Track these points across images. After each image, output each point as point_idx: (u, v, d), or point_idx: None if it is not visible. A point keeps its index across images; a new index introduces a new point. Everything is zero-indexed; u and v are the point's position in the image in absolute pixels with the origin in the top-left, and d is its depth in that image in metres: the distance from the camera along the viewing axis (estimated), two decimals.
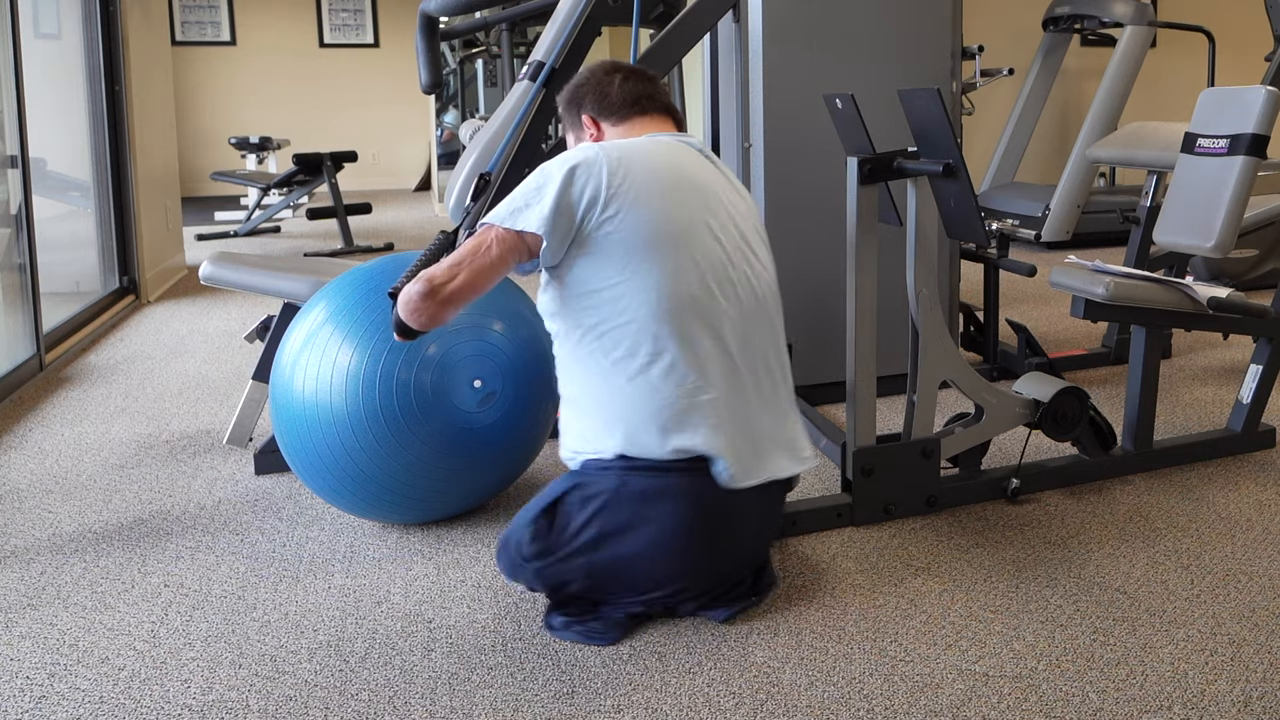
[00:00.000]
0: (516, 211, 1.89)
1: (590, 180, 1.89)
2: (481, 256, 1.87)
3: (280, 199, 7.76)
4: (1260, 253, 4.79)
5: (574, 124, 2.18)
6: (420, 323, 1.85)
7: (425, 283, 1.84)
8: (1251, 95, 2.62)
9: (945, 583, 2.11)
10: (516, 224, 1.88)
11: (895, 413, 3.08)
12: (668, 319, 1.88)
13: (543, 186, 1.89)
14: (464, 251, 1.89)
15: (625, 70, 2.17)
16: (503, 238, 1.89)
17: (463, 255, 1.88)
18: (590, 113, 2.14)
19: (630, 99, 2.12)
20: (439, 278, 1.84)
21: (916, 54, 3.22)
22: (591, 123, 2.15)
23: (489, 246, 1.88)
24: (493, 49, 8.94)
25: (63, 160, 4.95)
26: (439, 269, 1.86)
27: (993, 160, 6.42)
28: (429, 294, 1.83)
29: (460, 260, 1.87)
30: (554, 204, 1.86)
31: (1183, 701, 1.70)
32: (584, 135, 2.16)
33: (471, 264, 1.86)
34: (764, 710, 1.69)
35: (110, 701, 1.74)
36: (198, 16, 10.98)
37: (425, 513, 2.38)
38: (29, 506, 2.60)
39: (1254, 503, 2.50)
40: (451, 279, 1.85)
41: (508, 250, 1.89)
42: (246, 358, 4.02)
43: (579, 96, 2.17)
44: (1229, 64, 6.97)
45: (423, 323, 1.85)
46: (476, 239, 1.90)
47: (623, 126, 2.12)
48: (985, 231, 2.29)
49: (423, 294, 1.83)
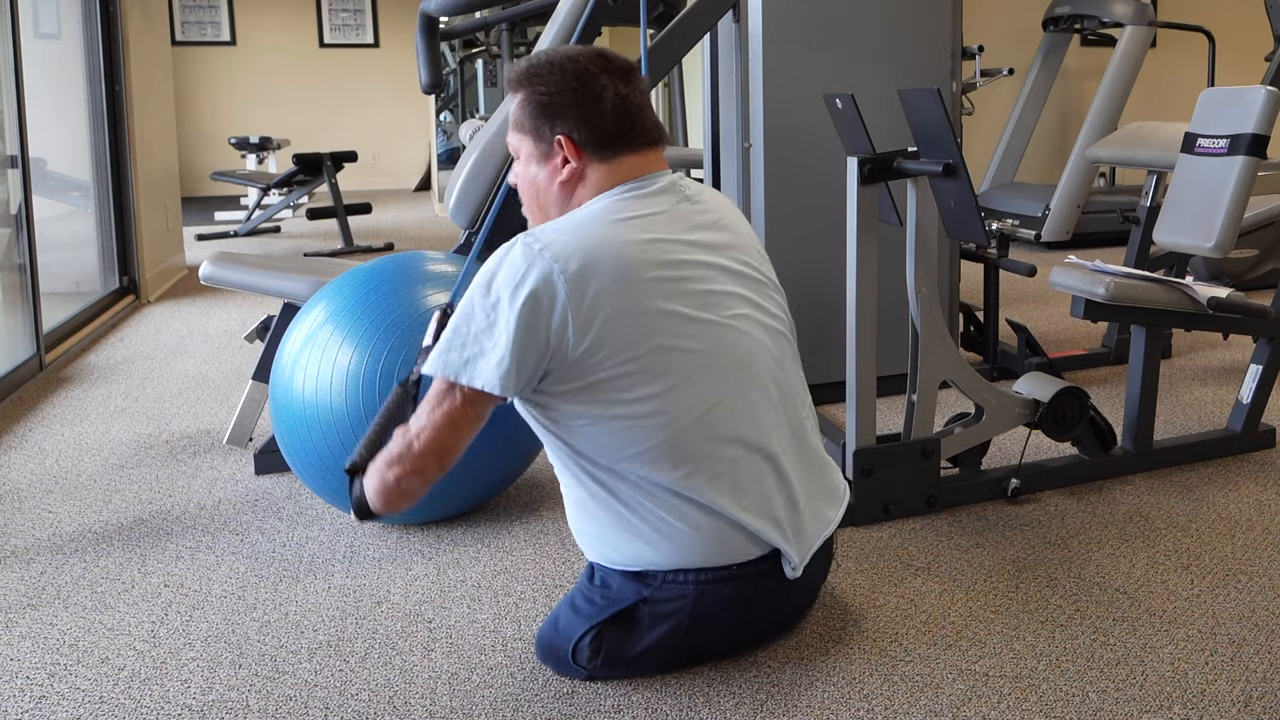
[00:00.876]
0: (468, 361, 1.58)
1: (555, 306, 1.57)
2: (441, 432, 1.61)
3: (280, 199, 7.76)
4: (1260, 253, 4.79)
5: (538, 139, 1.71)
6: (392, 510, 1.66)
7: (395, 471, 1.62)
8: (1251, 95, 2.62)
9: (945, 583, 2.11)
10: (463, 378, 1.58)
11: (895, 413, 3.08)
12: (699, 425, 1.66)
13: (493, 325, 1.57)
14: (419, 418, 1.62)
15: (613, 69, 1.72)
16: (455, 401, 1.60)
17: (418, 423, 1.62)
18: (572, 134, 1.69)
19: (626, 124, 1.70)
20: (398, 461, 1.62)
21: (916, 54, 3.23)
22: (572, 149, 1.69)
23: (442, 413, 1.60)
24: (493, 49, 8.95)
25: (63, 160, 4.95)
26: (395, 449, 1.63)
27: (993, 160, 6.43)
28: (397, 488, 1.63)
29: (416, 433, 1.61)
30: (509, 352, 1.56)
31: (1183, 701, 1.70)
32: (546, 155, 1.71)
33: (429, 440, 1.61)
34: (764, 710, 1.69)
35: (110, 701, 1.74)
36: (198, 16, 10.98)
37: (425, 513, 2.38)
38: (29, 506, 2.60)
39: (1254, 503, 2.50)
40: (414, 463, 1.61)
41: (463, 412, 1.61)
42: (246, 358, 4.02)
43: (555, 106, 1.69)
44: (1229, 64, 6.96)
45: (394, 510, 1.67)
46: (434, 404, 1.61)
47: (608, 166, 1.70)
48: (985, 231, 2.29)
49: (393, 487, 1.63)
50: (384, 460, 1.64)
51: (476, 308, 1.60)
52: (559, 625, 1.79)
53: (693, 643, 1.77)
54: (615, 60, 1.74)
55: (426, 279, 2.38)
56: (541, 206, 1.77)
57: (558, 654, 1.78)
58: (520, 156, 1.77)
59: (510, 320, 1.56)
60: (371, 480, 1.66)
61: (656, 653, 1.76)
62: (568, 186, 1.73)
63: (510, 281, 1.57)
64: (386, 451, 1.65)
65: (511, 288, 1.57)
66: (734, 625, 1.79)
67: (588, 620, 1.75)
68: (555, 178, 1.72)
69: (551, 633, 1.80)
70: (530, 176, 1.76)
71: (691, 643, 1.77)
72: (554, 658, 1.80)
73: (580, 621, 1.76)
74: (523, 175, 1.77)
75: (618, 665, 1.76)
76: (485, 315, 1.58)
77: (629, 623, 1.74)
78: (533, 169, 1.75)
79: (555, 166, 1.72)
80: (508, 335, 1.56)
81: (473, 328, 1.59)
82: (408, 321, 2.25)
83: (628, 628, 1.74)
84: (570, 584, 2.12)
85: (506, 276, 1.58)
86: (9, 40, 3.94)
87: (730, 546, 1.72)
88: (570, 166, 1.71)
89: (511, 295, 1.57)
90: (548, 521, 2.44)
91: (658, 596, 1.73)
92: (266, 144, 9.11)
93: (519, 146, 1.76)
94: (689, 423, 1.65)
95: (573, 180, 1.72)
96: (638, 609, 1.73)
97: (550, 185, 1.74)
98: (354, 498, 1.67)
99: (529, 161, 1.75)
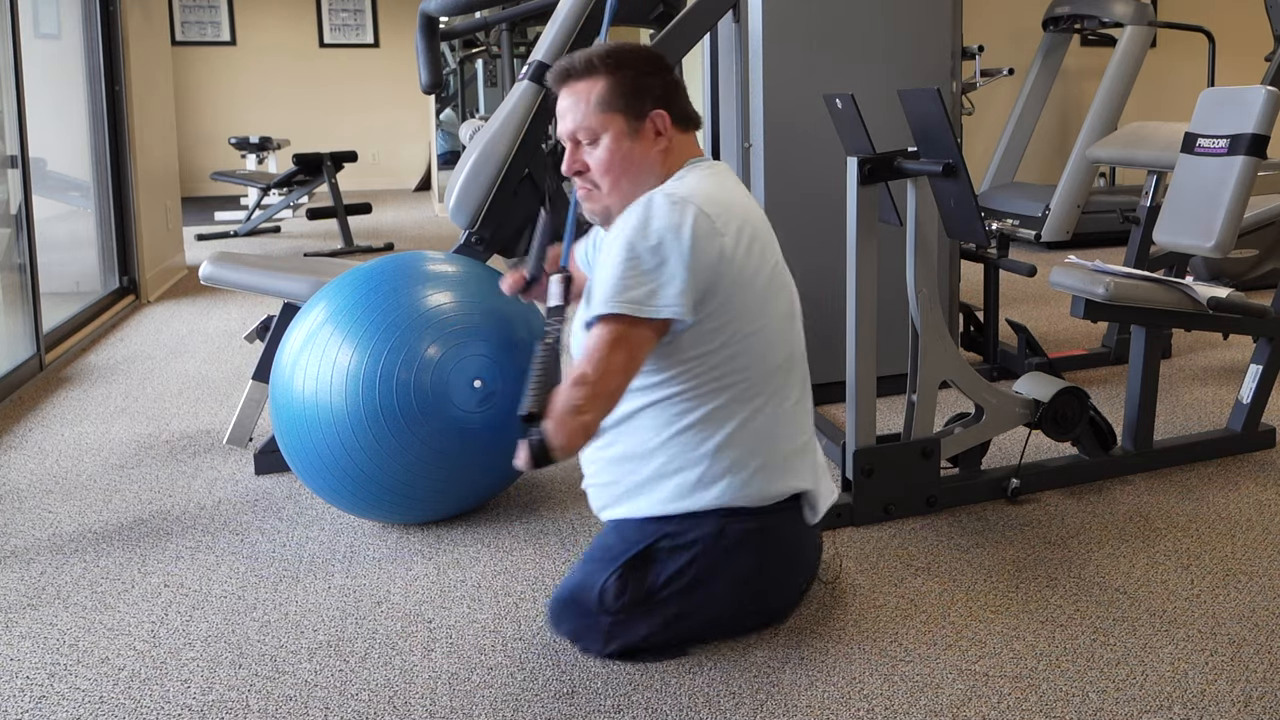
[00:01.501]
0: (650, 294, 1.70)
1: (713, 242, 1.75)
2: (619, 372, 1.70)
3: (280, 199, 7.76)
4: (1260, 253, 4.79)
5: (632, 115, 1.85)
6: (574, 453, 1.72)
7: (586, 415, 1.68)
8: (1251, 95, 2.62)
9: (945, 583, 2.11)
10: (648, 310, 1.70)
11: (895, 413, 3.08)
12: (776, 371, 1.85)
13: (664, 261, 1.71)
14: (596, 363, 1.70)
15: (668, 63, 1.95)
16: (635, 338, 1.71)
17: (597, 368, 1.69)
18: (665, 108, 1.87)
19: (689, 101, 1.94)
20: (583, 403, 1.68)
21: (916, 54, 3.22)
22: (667, 121, 1.87)
23: (622, 352, 1.70)
24: (493, 49, 8.95)
25: (63, 160, 4.95)
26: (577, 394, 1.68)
27: (993, 160, 6.42)
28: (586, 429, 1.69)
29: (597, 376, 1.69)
30: (682, 283, 1.71)
31: (1183, 701, 1.70)
32: (639, 130, 1.85)
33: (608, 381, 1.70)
34: (764, 710, 1.69)
35: (110, 701, 1.74)
36: (198, 16, 10.98)
37: (425, 513, 2.38)
38: (29, 506, 2.60)
39: (1254, 503, 2.50)
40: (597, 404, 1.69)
41: (641, 348, 1.73)
42: (246, 358, 4.02)
43: (649, 83, 1.87)
44: (1229, 64, 6.96)
45: (575, 452, 1.73)
46: (602, 343, 1.71)
47: (684, 139, 1.91)
48: (985, 231, 2.29)
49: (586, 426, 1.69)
50: (570, 404, 1.69)
51: (639, 252, 1.72)
52: (577, 580, 1.86)
53: (713, 575, 1.84)
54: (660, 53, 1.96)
55: (426, 279, 2.38)
56: (635, 178, 1.87)
57: (582, 604, 1.83)
58: (606, 136, 1.85)
59: (680, 253, 1.71)
60: (563, 425, 1.68)
61: (676, 584, 1.82)
62: (664, 156, 1.89)
63: (668, 225, 1.73)
64: (569, 397, 1.69)
65: (672, 228, 1.72)
66: (752, 563, 1.86)
67: (610, 563, 1.83)
68: (653, 148, 1.88)
69: (571, 589, 1.86)
70: (624, 152, 1.86)
71: (711, 575, 1.83)
72: (575, 611, 1.84)
73: (601, 567, 1.83)
74: (612, 152, 1.85)
75: (642, 602, 1.81)
76: (650, 256, 1.72)
77: (649, 559, 1.82)
78: (625, 144, 1.86)
79: (650, 139, 1.87)
80: (681, 266, 1.71)
81: (641, 268, 1.72)
82: (408, 321, 2.25)
83: (648, 562, 1.82)
84: None
85: (662, 222, 1.73)
86: (9, 40, 3.94)
87: (765, 487, 1.85)
88: (665, 138, 1.88)
89: (675, 234, 1.72)
90: (548, 521, 2.44)
91: (678, 530, 1.82)
92: (266, 144, 9.11)
93: (604, 127, 1.85)
94: (782, 354, 1.86)
95: (666, 150, 1.88)
96: (657, 544, 1.83)
97: (647, 155, 1.87)
98: (532, 444, 1.67)
99: (620, 139, 1.85)
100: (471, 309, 2.33)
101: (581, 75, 1.86)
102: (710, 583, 1.84)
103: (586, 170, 1.88)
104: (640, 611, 1.82)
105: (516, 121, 2.81)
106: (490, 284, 2.45)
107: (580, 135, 1.87)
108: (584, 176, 1.88)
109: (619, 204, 1.87)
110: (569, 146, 1.89)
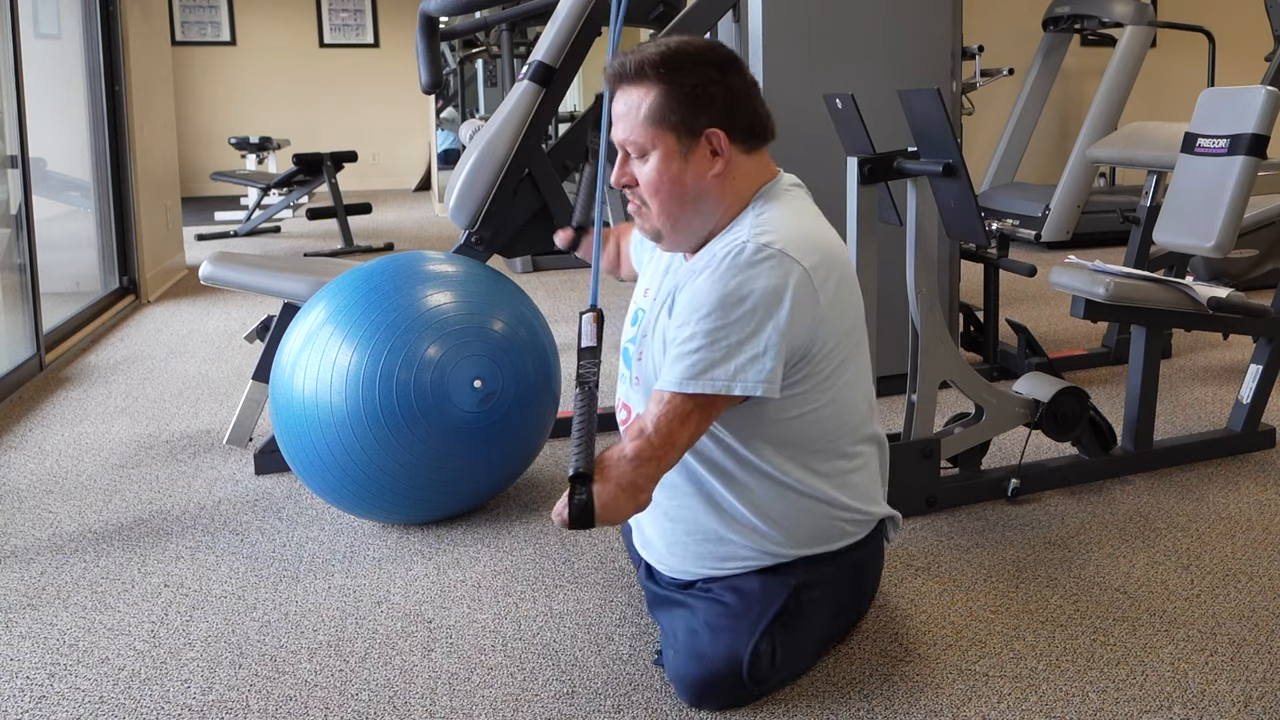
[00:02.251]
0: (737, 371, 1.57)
1: (813, 307, 1.62)
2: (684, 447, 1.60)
3: (280, 199, 7.76)
4: (1260, 253, 4.79)
5: (684, 133, 1.67)
6: (617, 521, 1.60)
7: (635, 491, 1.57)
8: (1251, 95, 2.62)
9: (945, 583, 2.11)
10: (734, 389, 1.57)
11: (895, 413, 3.08)
12: (867, 415, 1.82)
13: (759, 330, 1.57)
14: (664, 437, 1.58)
15: (736, 59, 1.73)
16: (709, 413, 1.60)
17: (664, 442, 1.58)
18: (723, 124, 1.67)
19: (764, 114, 1.73)
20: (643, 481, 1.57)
21: (916, 54, 3.23)
22: (724, 141, 1.68)
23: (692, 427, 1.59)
24: (493, 49, 8.96)
25: (63, 160, 4.95)
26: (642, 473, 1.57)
27: (993, 160, 6.42)
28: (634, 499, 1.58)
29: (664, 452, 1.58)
30: (775, 357, 1.58)
31: (1183, 701, 1.70)
32: (692, 150, 1.67)
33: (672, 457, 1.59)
34: (764, 710, 1.69)
35: (110, 701, 1.74)
36: (198, 16, 10.98)
37: (425, 513, 2.38)
38: (29, 506, 2.60)
39: (1254, 503, 2.50)
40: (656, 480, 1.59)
41: (712, 419, 1.62)
42: (246, 358, 4.02)
43: (708, 94, 1.66)
44: (1229, 64, 6.96)
45: (618, 521, 1.60)
46: (674, 416, 1.58)
47: (753, 159, 1.74)
48: (985, 231, 2.29)
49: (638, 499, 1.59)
50: (633, 482, 1.57)
51: (731, 318, 1.58)
52: (709, 654, 1.66)
53: (849, 610, 1.87)
54: (731, 50, 1.74)
55: (426, 279, 2.38)
56: (687, 203, 1.71)
57: (730, 678, 1.65)
58: (655, 155, 1.69)
59: (777, 323, 1.58)
60: (620, 504, 1.57)
61: (823, 634, 1.80)
62: (721, 181, 1.71)
63: (766, 287, 1.58)
64: (632, 475, 1.57)
65: (771, 291, 1.58)
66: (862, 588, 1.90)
67: (749, 630, 1.67)
68: (707, 173, 1.70)
69: (703, 666, 1.66)
70: (673, 174, 1.69)
71: (848, 610, 1.87)
72: (719, 685, 1.65)
73: (739, 636, 1.67)
74: (660, 173, 1.69)
75: (792, 662, 1.73)
76: (743, 323, 1.57)
77: (792, 614, 1.72)
78: (675, 165, 1.68)
79: (704, 161, 1.69)
80: (775, 338, 1.58)
81: (730, 338, 1.57)
82: (408, 321, 2.25)
83: (792, 619, 1.72)
84: (570, 583, 2.12)
85: (761, 284, 1.58)
86: (9, 40, 3.94)
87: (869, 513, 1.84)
88: (721, 160, 1.69)
89: (770, 299, 1.58)
90: (548, 521, 2.44)
91: (806, 580, 1.75)
92: (266, 144, 9.11)
93: (652, 141, 1.68)
94: (867, 404, 1.81)
95: (724, 173, 1.70)
96: (796, 597, 1.73)
97: (701, 181, 1.70)
98: (579, 505, 1.54)
99: (669, 159, 1.68)
100: (471, 309, 2.33)
101: (632, 80, 1.68)
102: (844, 618, 1.87)
103: (635, 185, 1.72)
104: (791, 668, 1.74)
105: (516, 121, 2.81)
106: (490, 284, 2.45)
107: (629, 148, 1.71)
108: (633, 191, 1.74)
109: (669, 229, 1.73)
110: (620, 155, 1.74)
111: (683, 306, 1.64)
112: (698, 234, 1.75)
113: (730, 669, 1.64)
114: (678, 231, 1.74)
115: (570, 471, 1.56)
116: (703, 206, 1.72)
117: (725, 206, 1.73)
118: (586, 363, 1.68)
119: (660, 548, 1.85)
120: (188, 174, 9.76)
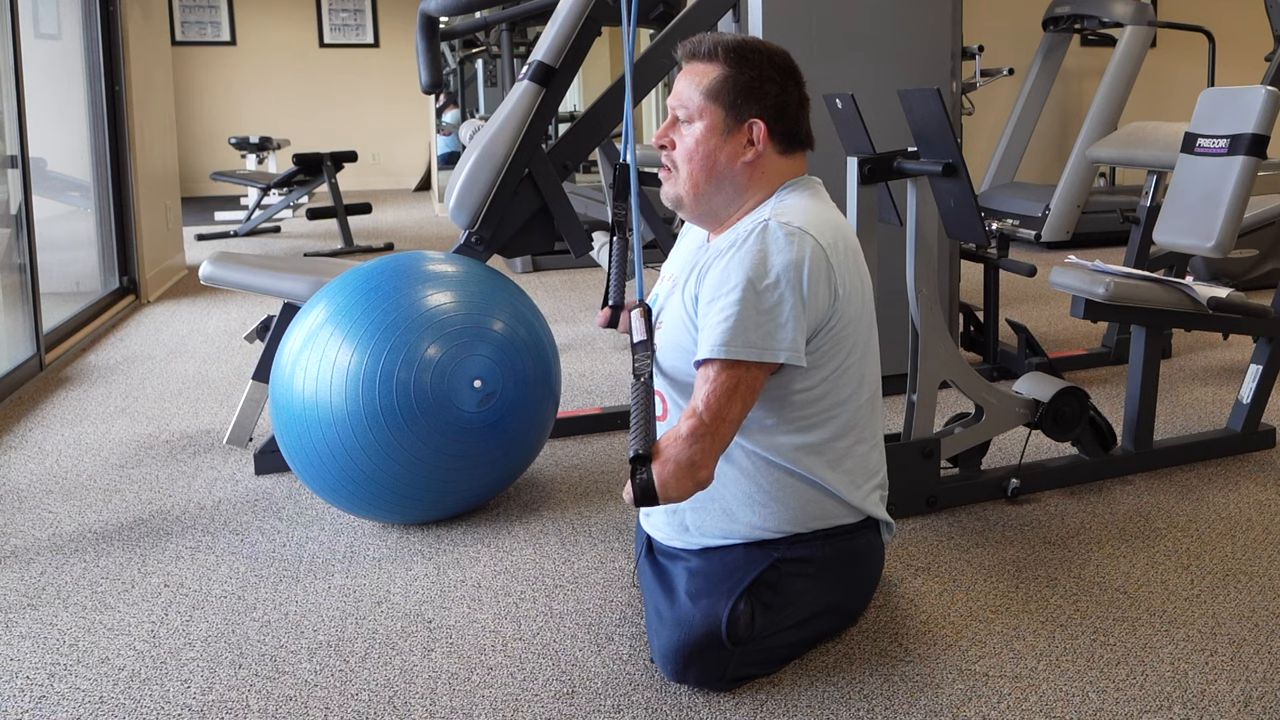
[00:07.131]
0: (767, 336, 1.66)
1: (830, 279, 1.72)
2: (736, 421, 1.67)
3: (280, 199, 7.76)
4: (1260, 253, 4.79)
5: (732, 115, 1.79)
6: (679, 498, 1.66)
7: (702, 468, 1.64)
8: (1251, 95, 2.62)
9: (945, 583, 2.11)
10: (767, 355, 1.67)
11: (895, 413, 3.08)
12: (868, 403, 1.86)
13: (782, 301, 1.68)
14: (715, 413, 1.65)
15: (799, 72, 1.85)
16: (751, 383, 1.68)
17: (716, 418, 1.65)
18: (767, 119, 1.79)
19: (806, 126, 1.86)
20: (699, 457, 1.64)
21: (916, 54, 3.23)
22: (763, 134, 1.80)
23: (739, 400, 1.67)
24: (493, 49, 8.95)
25: (63, 160, 4.95)
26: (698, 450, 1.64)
27: (993, 160, 6.42)
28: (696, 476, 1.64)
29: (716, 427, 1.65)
30: (797, 325, 1.68)
31: (1183, 701, 1.70)
32: (733, 133, 1.79)
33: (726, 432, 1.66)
34: (764, 710, 1.69)
35: (110, 701, 1.74)
36: (198, 16, 10.99)
37: (425, 513, 2.38)
38: (29, 506, 2.60)
39: (1254, 503, 2.50)
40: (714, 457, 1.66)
41: (756, 392, 1.69)
42: (246, 358, 4.02)
43: (764, 89, 1.79)
44: (1229, 64, 6.97)
45: (681, 498, 1.66)
46: (722, 390, 1.66)
47: (785, 160, 1.84)
48: (985, 231, 2.29)
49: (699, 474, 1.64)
50: (690, 460, 1.64)
51: (757, 290, 1.67)
52: (689, 618, 1.73)
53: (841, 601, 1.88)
54: (796, 64, 1.86)
55: (426, 279, 2.38)
56: (712, 178, 1.82)
57: (708, 639, 1.70)
58: (700, 124, 1.80)
59: (799, 293, 1.68)
60: (680, 481, 1.64)
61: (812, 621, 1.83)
62: (749, 169, 1.81)
63: (788, 261, 1.68)
64: (689, 452, 1.64)
65: (792, 265, 1.68)
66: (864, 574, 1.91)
67: (728, 592, 1.74)
68: (738, 157, 1.80)
69: (684, 631, 1.72)
70: (709, 146, 1.80)
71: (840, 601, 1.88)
72: (699, 648, 1.70)
73: (718, 598, 1.73)
74: (699, 142, 1.80)
75: (773, 630, 1.76)
76: (769, 294, 1.67)
77: (771, 584, 1.77)
78: (714, 140, 1.80)
79: (739, 146, 1.80)
80: (798, 308, 1.68)
81: (760, 308, 1.67)
82: (408, 321, 2.25)
83: (771, 588, 1.77)
84: (570, 584, 2.12)
85: (782, 259, 1.69)
86: (9, 40, 3.94)
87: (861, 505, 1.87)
88: (755, 150, 1.80)
89: (792, 272, 1.68)
90: (548, 521, 2.44)
91: (789, 555, 1.80)
92: (266, 144, 9.11)
93: (702, 111, 1.79)
94: (869, 392, 1.86)
95: (754, 165, 1.81)
96: (776, 568, 1.78)
97: (731, 163, 1.81)
98: (641, 484, 1.63)
99: (711, 131, 1.79)
100: (471, 309, 2.33)
101: (704, 58, 1.81)
102: (827, 600, 1.86)
103: (672, 147, 1.84)
104: (772, 639, 1.77)
105: (516, 121, 2.81)
106: (490, 284, 2.45)
107: (680, 112, 1.82)
108: (667, 154, 1.85)
109: (691, 198, 1.83)
110: (669, 117, 1.85)
111: (712, 283, 1.73)
112: (717, 213, 1.86)
113: (709, 629, 1.70)
114: (699, 202, 1.84)
115: (630, 454, 1.65)
116: (727, 187, 1.82)
117: (748, 195, 1.83)
118: (640, 356, 1.79)
119: (658, 514, 1.93)
120: (188, 174, 9.77)
